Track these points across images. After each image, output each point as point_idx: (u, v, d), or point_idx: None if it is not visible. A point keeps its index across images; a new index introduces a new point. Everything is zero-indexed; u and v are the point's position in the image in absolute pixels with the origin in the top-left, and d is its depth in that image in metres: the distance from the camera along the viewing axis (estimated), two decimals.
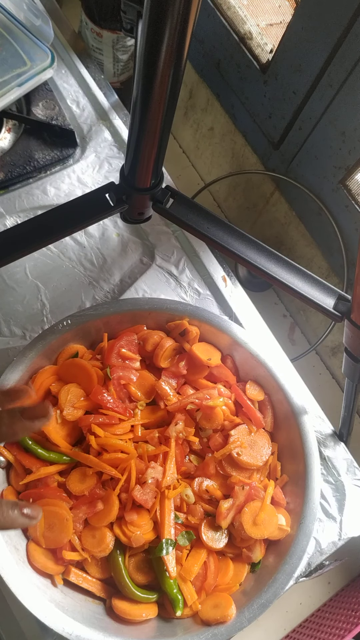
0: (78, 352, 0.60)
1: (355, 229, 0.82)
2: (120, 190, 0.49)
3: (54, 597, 0.51)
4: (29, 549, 0.53)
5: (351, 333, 0.50)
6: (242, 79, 0.90)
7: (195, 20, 0.32)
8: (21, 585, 0.49)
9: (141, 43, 0.34)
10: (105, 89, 0.83)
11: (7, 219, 0.72)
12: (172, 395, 0.58)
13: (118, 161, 0.78)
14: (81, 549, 0.53)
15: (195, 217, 0.51)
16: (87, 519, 0.53)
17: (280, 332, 0.57)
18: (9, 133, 0.76)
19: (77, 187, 0.76)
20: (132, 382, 0.59)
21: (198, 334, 0.62)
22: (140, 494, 0.53)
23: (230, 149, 1.05)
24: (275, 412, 0.61)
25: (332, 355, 1.04)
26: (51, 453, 0.54)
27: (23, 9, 0.75)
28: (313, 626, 0.84)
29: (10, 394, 0.38)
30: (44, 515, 0.52)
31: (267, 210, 1.02)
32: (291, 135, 0.85)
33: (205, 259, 0.74)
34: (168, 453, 0.56)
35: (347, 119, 0.73)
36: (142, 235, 0.75)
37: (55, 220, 0.50)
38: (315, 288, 0.51)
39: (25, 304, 0.68)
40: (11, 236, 0.49)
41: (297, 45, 0.74)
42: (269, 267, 0.51)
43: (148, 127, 0.40)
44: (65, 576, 0.53)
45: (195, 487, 0.56)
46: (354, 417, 0.63)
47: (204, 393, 0.59)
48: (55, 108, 0.77)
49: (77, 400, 0.56)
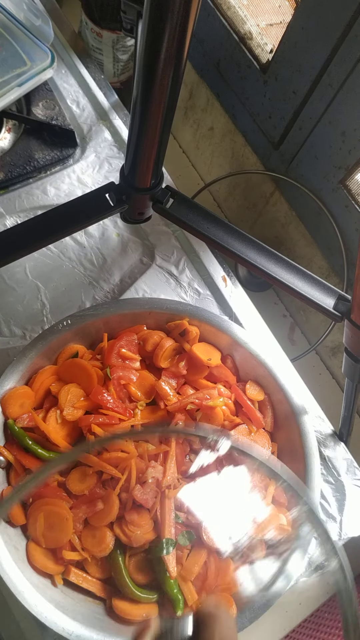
0: (78, 352, 0.60)
1: (355, 229, 0.82)
2: (120, 190, 0.49)
3: (54, 597, 0.51)
4: (28, 549, 0.53)
5: (351, 333, 0.50)
6: (242, 79, 0.90)
7: (195, 20, 0.32)
8: (21, 585, 0.49)
9: (141, 43, 0.34)
10: (105, 89, 0.83)
11: (7, 219, 0.72)
12: (172, 395, 0.58)
13: (118, 161, 0.78)
14: (81, 548, 0.53)
15: (195, 217, 0.51)
16: (87, 518, 0.53)
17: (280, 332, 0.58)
18: (9, 133, 0.76)
19: (77, 187, 0.76)
20: (132, 382, 0.59)
21: (198, 334, 0.62)
22: (141, 494, 0.53)
23: (230, 149, 1.05)
24: (275, 412, 0.61)
25: (332, 355, 1.04)
26: (51, 453, 0.54)
27: (23, 9, 0.75)
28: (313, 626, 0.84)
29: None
30: (44, 515, 0.52)
31: (267, 210, 1.02)
32: (291, 135, 0.85)
33: (205, 259, 0.74)
34: (168, 452, 0.56)
35: (347, 119, 0.73)
36: (142, 235, 0.75)
37: (55, 220, 0.50)
38: (315, 288, 0.51)
39: (25, 304, 0.68)
40: (11, 236, 0.49)
41: (297, 45, 0.74)
42: (269, 267, 0.51)
43: (148, 127, 0.40)
44: (65, 576, 0.53)
45: None
46: (354, 417, 0.63)
47: (204, 393, 0.59)
48: (55, 108, 0.77)
49: (77, 400, 0.56)
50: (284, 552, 0.52)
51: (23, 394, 0.56)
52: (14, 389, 0.56)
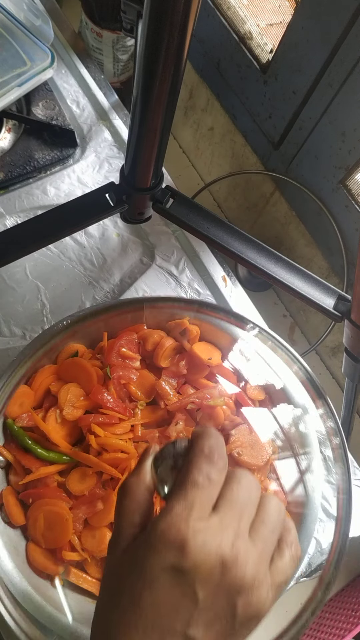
0: (78, 351, 0.60)
1: (355, 229, 0.82)
2: (120, 190, 0.49)
3: (54, 597, 0.51)
4: (28, 549, 0.53)
5: (351, 333, 0.50)
6: (242, 79, 0.90)
7: (195, 20, 0.32)
8: (21, 585, 0.49)
9: (141, 43, 0.34)
10: (105, 89, 0.83)
11: (7, 219, 0.72)
12: (173, 394, 0.58)
13: (118, 161, 0.78)
14: (81, 549, 0.53)
15: (195, 217, 0.51)
16: (87, 519, 0.53)
17: (280, 332, 0.58)
18: (9, 133, 0.76)
19: (77, 187, 0.76)
20: (132, 382, 0.59)
21: (198, 333, 0.62)
22: None
23: (230, 149, 1.05)
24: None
25: (332, 355, 1.04)
26: (51, 453, 0.54)
27: (23, 9, 0.75)
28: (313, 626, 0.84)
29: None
30: (43, 515, 0.52)
31: (267, 210, 1.02)
32: (291, 135, 0.85)
33: (205, 259, 0.74)
34: None
35: (347, 119, 0.73)
36: (142, 235, 0.75)
37: (55, 220, 0.50)
38: (315, 288, 0.51)
39: (25, 304, 0.68)
40: (11, 236, 0.49)
41: (297, 45, 0.74)
42: (269, 267, 0.51)
43: (148, 127, 0.40)
44: (65, 576, 0.53)
45: None
46: (354, 417, 0.63)
47: (205, 393, 0.58)
48: (55, 108, 0.77)
49: (77, 399, 0.56)
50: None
51: (23, 394, 0.56)
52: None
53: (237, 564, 0.30)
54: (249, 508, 0.32)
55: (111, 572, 0.32)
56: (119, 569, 0.31)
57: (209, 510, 0.31)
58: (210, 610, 0.29)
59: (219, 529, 0.30)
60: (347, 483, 0.51)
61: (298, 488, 0.57)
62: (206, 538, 0.30)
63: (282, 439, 0.60)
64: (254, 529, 0.32)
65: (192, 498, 0.31)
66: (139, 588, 0.30)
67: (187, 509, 0.30)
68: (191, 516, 0.30)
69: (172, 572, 0.29)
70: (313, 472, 0.56)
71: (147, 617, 0.29)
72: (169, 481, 0.34)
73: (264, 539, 0.32)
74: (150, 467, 0.35)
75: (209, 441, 0.33)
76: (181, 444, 0.35)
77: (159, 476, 0.34)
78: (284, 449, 0.59)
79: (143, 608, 0.29)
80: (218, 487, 0.32)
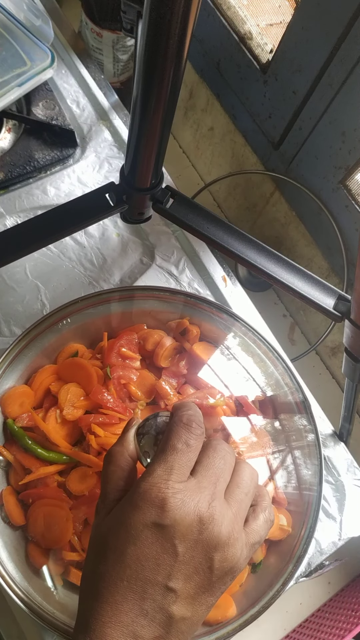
0: (78, 351, 0.60)
1: (355, 229, 0.82)
2: (120, 190, 0.49)
3: (54, 598, 0.51)
4: (28, 549, 0.53)
5: (351, 333, 0.50)
6: (242, 79, 0.89)
7: (195, 20, 0.32)
8: (21, 585, 0.49)
9: (141, 43, 0.34)
10: (105, 89, 0.83)
11: (7, 219, 0.72)
12: (173, 394, 0.58)
13: (118, 161, 0.78)
14: (81, 549, 0.53)
15: (195, 217, 0.51)
16: (87, 519, 0.53)
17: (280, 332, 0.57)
18: (9, 133, 0.76)
19: (77, 187, 0.76)
20: (132, 382, 0.59)
21: (199, 333, 0.62)
22: None
23: (230, 149, 1.05)
24: (276, 412, 0.61)
25: (332, 355, 1.04)
26: (51, 453, 0.54)
27: (23, 9, 0.75)
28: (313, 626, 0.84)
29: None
30: (43, 515, 0.52)
31: (267, 210, 1.02)
32: (291, 135, 0.85)
33: (205, 259, 0.74)
34: None
35: (347, 119, 0.73)
36: (142, 235, 0.75)
37: (55, 220, 0.50)
38: (315, 288, 0.51)
39: (25, 304, 0.68)
40: (11, 236, 0.49)
41: (297, 45, 0.74)
42: (269, 267, 0.51)
43: (148, 127, 0.40)
44: (65, 576, 0.53)
45: None
46: (354, 417, 0.63)
47: (205, 392, 0.58)
48: (55, 108, 0.77)
49: (76, 399, 0.56)
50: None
51: (23, 394, 0.56)
52: (13, 388, 0.56)
53: (213, 521, 0.33)
54: (225, 473, 0.36)
55: (98, 533, 0.35)
56: (105, 529, 0.34)
57: (188, 474, 0.35)
58: (188, 564, 0.32)
59: (197, 490, 0.34)
60: (319, 476, 0.56)
61: (294, 487, 0.57)
62: (184, 497, 0.33)
63: (277, 438, 0.60)
64: (229, 491, 0.35)
65: (171, 461, 0.34)
66: (124, 543, 0.32)
67: (167, 471, 0.34)
68: (171, 478, 0.33)
69: (153, 528, 0.32)
70: (310, 472, 0.56)
71: (132, 569, 0.32)
72: (151, 453, 0.37)
73: (238, 500, 0.35)
74: (133, 437, 0.38)
75: (188, 412, 0.37)
76: (162, 415, 0.38)
77: (142, 448, 0.38)
78: (279, 446, 0.59)
79: (127, 561, 0.32)
80: (196, 453, 0.36)
